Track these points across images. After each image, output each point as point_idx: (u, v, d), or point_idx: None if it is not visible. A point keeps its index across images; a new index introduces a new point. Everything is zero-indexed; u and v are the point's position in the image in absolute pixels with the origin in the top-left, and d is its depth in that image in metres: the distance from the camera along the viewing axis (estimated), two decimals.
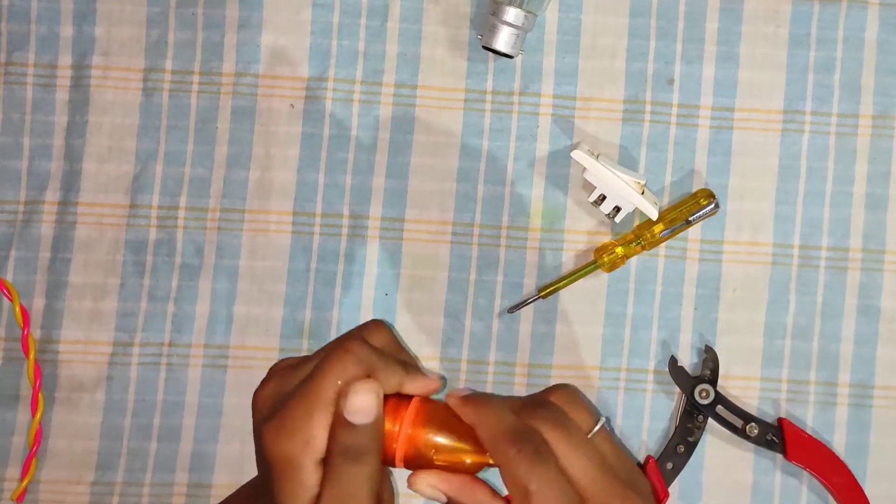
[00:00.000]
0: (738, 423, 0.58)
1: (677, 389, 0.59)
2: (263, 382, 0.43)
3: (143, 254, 0.60)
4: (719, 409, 0.59)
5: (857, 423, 0.60)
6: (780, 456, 0.59)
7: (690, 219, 0.58)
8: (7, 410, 0.59)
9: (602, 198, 0.58)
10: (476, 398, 0.45)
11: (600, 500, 0.42)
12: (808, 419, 0.60)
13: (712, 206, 0.58)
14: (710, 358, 0.59)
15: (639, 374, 0.60)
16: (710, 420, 0.59)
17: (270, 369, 0.44)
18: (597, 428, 0.44)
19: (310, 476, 0.41)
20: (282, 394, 0.42)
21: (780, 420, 0.59)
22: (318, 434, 0.41)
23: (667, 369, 0.59)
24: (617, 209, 0.58)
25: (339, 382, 0.41)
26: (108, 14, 0.60)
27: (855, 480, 0.58)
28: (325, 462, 0.41)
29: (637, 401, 0.59)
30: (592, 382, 0.60)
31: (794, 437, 0.58)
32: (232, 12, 0.60)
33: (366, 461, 0.41)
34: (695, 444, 0.58)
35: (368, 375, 0.42)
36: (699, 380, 0.58)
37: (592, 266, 0.59)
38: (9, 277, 0.59)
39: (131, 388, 0.59)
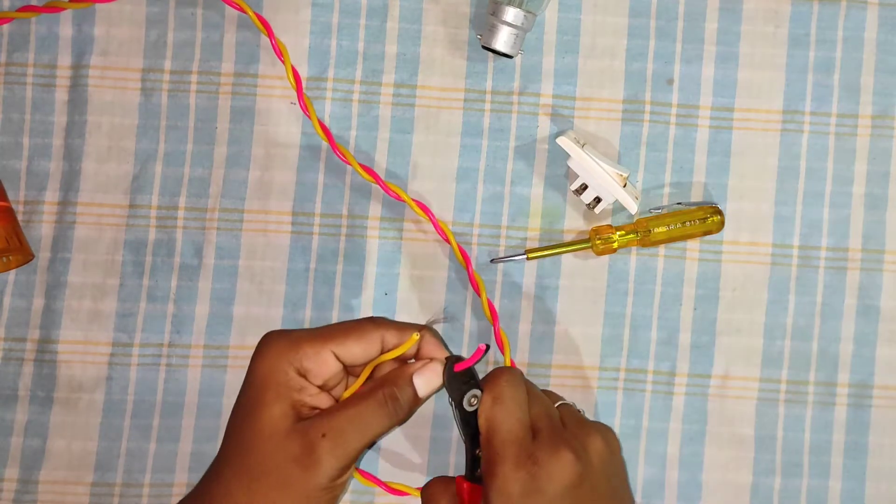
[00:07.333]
0: None
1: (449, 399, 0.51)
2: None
3: (142, 254, 0.60)
4: None
5: (857, 424, 0.60)
6: (779, 458, 0.59)
7: (688, 222, 0.59)
8: (7, 410, 0.59)
9: (584, 187, 0.58)
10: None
11: (549, 436, 0.49)
12: (808, 419, 0.60)
13: (719, 226, 0.59)
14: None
15: (638, 375, 0.60)
16: None
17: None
18: (563, 402, 0.53)
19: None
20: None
21: None
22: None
23: (666, 369, 0.59)
24: (597, 200, 0.58)
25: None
26: (107, 14, 0.60)
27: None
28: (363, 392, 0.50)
29: (636, 401, 0.59)
30: (591, 382, 0.60)
31: None
32: (231, 12, 0.60)
33: (394, 416, 0.49)
34: None
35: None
36: (469, 386, 0.50)
37: (585, 244, 0.59)
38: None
39: (131, 388, 0.59)
